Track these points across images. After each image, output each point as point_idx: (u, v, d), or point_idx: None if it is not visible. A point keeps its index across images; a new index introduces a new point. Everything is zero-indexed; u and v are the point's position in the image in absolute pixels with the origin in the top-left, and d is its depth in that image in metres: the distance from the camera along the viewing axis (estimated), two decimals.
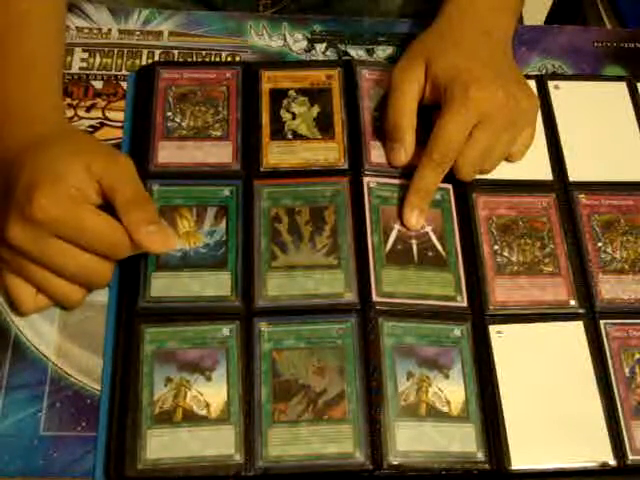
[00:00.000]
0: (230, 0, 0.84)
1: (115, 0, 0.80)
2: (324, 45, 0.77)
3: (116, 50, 0.75)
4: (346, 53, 0.77)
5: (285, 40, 0.77)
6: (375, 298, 0.63)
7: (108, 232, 0.58)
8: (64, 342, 0.62)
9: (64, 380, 0.61)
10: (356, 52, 0.77)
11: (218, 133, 0.69)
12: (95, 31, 0.76)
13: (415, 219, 0.66)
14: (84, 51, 0.75)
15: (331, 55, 0.77)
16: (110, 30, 0.77)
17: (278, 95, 0.72)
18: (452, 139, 0.65)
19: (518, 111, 0.68)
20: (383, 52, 0.77)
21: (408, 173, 0.68)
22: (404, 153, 0.68)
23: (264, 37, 0.77)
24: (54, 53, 0.69)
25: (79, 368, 0.61)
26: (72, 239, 0.57)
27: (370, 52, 0.77)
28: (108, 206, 0.58)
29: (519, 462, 0.60)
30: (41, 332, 0.62)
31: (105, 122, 0.71)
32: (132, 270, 0.63)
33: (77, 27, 0.76)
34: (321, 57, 0.77)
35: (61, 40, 0.71)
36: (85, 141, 0.64)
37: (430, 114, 0.69)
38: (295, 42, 0.77)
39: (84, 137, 0.65)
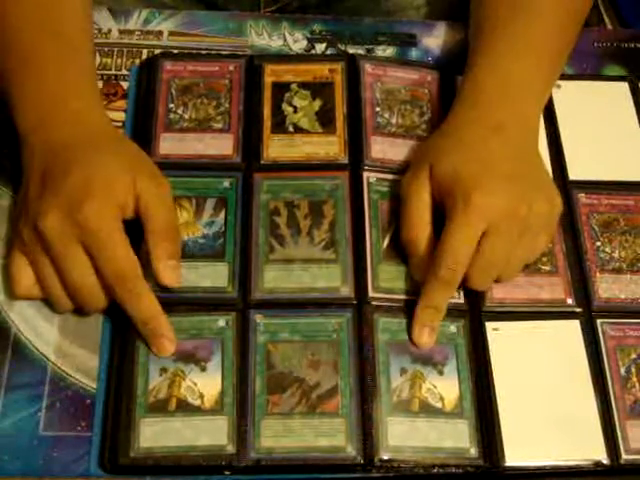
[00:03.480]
0: None
1: (115, 0, 0.80)
2: (324, 45, 0.77)
3: (116, 50, 0.75)
4: (346, 53, 0.77)
5: (285, 40, 0.77)
6: (371, 293, 0.63)
7: (124, 260, 0.59)
8: (64, 342, 0.62)
9: (63, 380, 0.61)
10: (356, 52, 0.77)
11: (219, 125, 0.70)
12: (95, 31, 0.76)
13: (426, 338, 0.62)
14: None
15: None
16: (110, 30, 0.77)
17: (280, 88, 0.72)
18: (458, 253, 0.60)
19: (532, 216, 0.61)
20: (383, 52, 0.77)
21: (402, 168, 0.68)
22: (422, 266, 0.63)
23: (264, 37, 0.77)
24: (90, 36, 0.70)
25: (78, 368, 0.62)
26: (93, 251, 0.58)
27: (370, 52, 0.77)
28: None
29: (513, 459, 0.60)
30: (41, 332, 0.63)
31: None
32: None
33: None
34: None
35: (92, 24, 0.72)
36: (133, 153, 0.64)
37: None
38: (295, 42, 0.77)
39: (132, 147, 0.65)
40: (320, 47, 0.78)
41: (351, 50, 0.77)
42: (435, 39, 0.79)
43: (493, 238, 0.60)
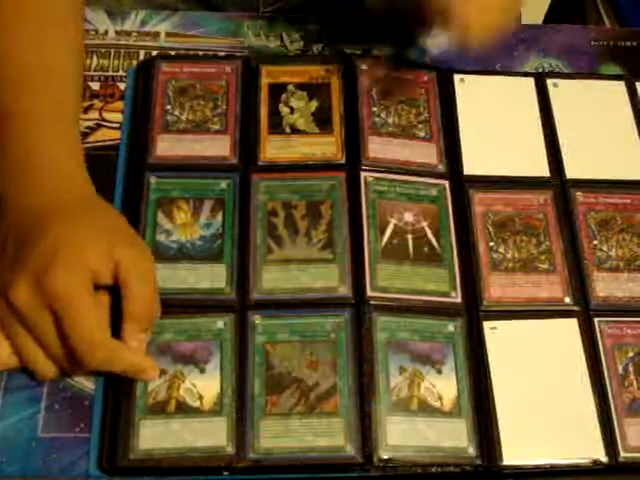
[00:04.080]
0: None
1: (114, 0, 0.80)
2: (321, 45, 0.77)
3: (113, 51, 0.75)
4: (342, 53, 0.77)
5: (282, 40, 0.77)
6: (369, 293, 0.63)
7: (92, 329, 0.56)
8: None
9: (62, 382, 0.61)
10: (352, 52, 0.77)
11: (217, 127, 0.70)
12: (92, 32, 0.76)
13: None
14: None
15: None
16: (107, 31, 0.77)
17: (277, 89, 0.72)
18: None
19: None
20: (379, 52, 0.77)
21: (405, 168, 0.68)
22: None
23: (261, 37, 0.77)
24: (76, 103, 0.67)
25: None
26: (64, 321, 0.55)
27: (366, 52, 0.77)
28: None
29: (510, 458, 0.60)
30: None
31: (102, 123, 0.71)
32: None
33: None
34: None
35: (80, 91, 0.69)
36: (113, 220, 0.62)
37: None
38: (292, 42, 0.77)
39: (113, 215, 0.63)
40: (317, 47, 0.78)
41: (347, 50, 0.77)
42: (432, 38, 0.78)
43: None
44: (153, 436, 0.58)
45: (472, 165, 0.71)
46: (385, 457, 0.58)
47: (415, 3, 0.65)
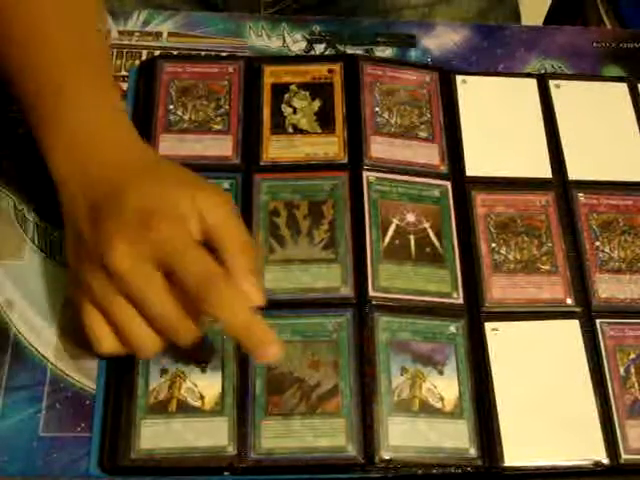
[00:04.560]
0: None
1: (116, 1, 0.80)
2: (323, 45, 0.77)
3: (115, 51, 0.75)
4: (345, 53, 0.77)
5: (284, 41, 0.77)
6: (371, 293, 0.63)
7: (208, 263, 0.53)
8: (64, 343, 0.62)
9: (63, 381, 0.61)
10: (355, 52, 0.77)
11: (219, 127, 0.70)
12: None
13: None
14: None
15: None
16: (109, 31, 0.77)
17: (279, 89, 0.72)
18: None
19: None
20: (382, 53, 0.77)
21: (407, 168, 0.68)
22: None
23: (263, 38, 0.77)
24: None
25: (78, 369, 0.61)
26: (172, 262, 0.53)
27: (369, 52, 0.77)
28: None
29: (512, 459, 0.60)
30: (40, 333, 0.62)
31: None
32: None
33: None
34: None
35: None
36: (180, 170, 0.60)
37: None
38: (294, 43, 0.77)
39: (179, 167, 0.61)
40: (319, 48, 0.78)
41: (350, 51, 0.77)
42: (434, 39, 0.79)
43: None
44: (154, 436, 0.58)
45: (474, 166, 0.71)
46: (386, 457, 0.58)
47: None
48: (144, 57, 0.75)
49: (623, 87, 0.76)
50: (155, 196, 0.55)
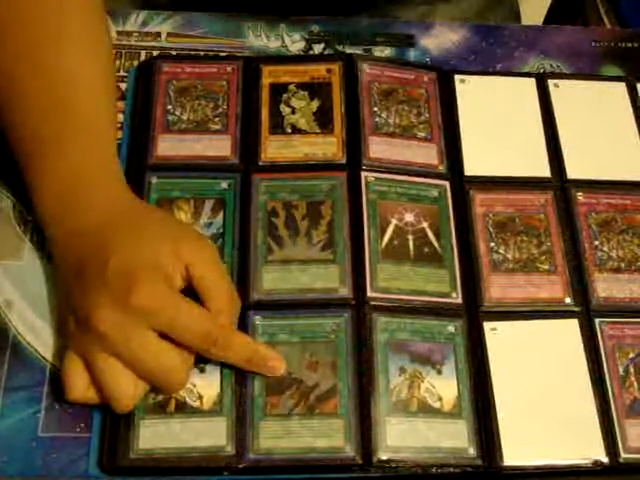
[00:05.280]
0: None
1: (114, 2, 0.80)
2: (322, 46, 0.77)
3: (114, 51, 0.75)
4: (343, 53, 0.77)
5: (283, 41, 0.77)
6: (370, 293, 0.63)
7: (203, 320, 0.56)
8: (63, 343, 0.62)
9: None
10: (354, 52, 0.77)
11: (217, 127, 0.70)
12: None
13: None
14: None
15: None
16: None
17: (278, 89, 0.72)
18: None
19: None
20: (381, 52, 0.77)
21: (406, 168, 0.68)
22: None
23: (262, 38, 0.77)
24: (112, 115, 0.66)
25: None
26: (166, 328, 0.56)
27: (368, 52, 0.77)
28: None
29: (511, 459, 0.60)
30: (40, 333, 0.62)
31: None
32: None
33: None
34: None
35: (114, 103, 0.68)
36: (169, 221, 0.62)
37: None
38: (293, 43, 0.77)
39: (165, 215, 0.63)
40: (318, 48, 0.78)
41: (349, 51, 0.77)
42: (433, 39, 0.79)
43: None
44: (153, 436, 0.58)
45: (473, 166, 0.71)
46: (384, 458, 0.58)
47: None
48: (143, 57, 0.75)
49: (622, 86, 0.76)
50: (138, 255, 0.57)
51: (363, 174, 0.68)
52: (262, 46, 0.77)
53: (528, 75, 0.76)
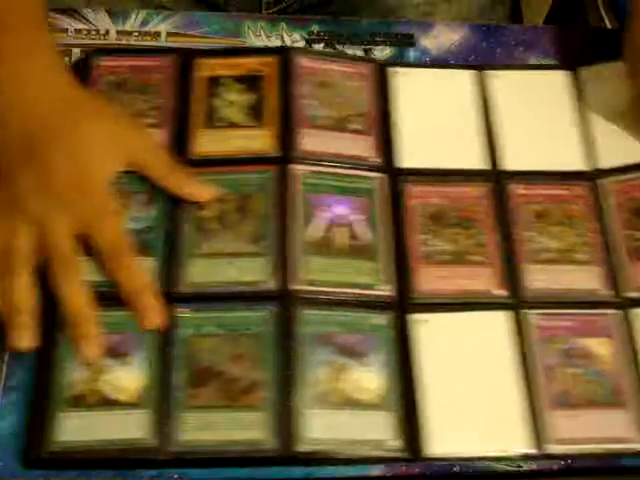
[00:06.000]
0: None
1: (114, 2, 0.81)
2: (322, 45, 0.77)
3: None
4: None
5: (283, 41, 0.77)
6: (296, 286, 0.63)
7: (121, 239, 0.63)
8: None
9: None
10: (354, 52, 0.77)
11: (151, 121, 0.70)
12: (93, 32, 0.76)
13: None
14: (82, 52, 0.75)
15: None
16: (108, 31, 0.77)
17: (213, 82, 0.72)
18: None
19: None
20: (380, 52, 0.77)
21: (339, 161, 0.68)
22: None
23: (262, 38, 0.77)
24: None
25: None
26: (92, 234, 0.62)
27: (368, 52, 0.77)
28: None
29: (436, 450, 0.60)
30: None
31: None
32: None
33: (75, 29, 0.76)
34: None
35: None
36: (110, 112, 0.67)
37: None
38: (293, 42, 0.77)
39: (106, 105, 0.68)
40: (318, 48, 0.77)
41: (349, 51, 0.77)
42: (433, 39, 0.79)
43: None
44: (73, 429, 0.58)
45: (408, 158, 0.70)
46: (305, 450, 0.58)
47: None
48: None
49: (559, 75, 0.75)
50: (81, 157, 0.63)
51: (295, 167, 0.68)
52: (262, 46, 0.77)
53: (466, 67, 0.75)
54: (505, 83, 0.75)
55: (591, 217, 0.69)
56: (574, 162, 0.72)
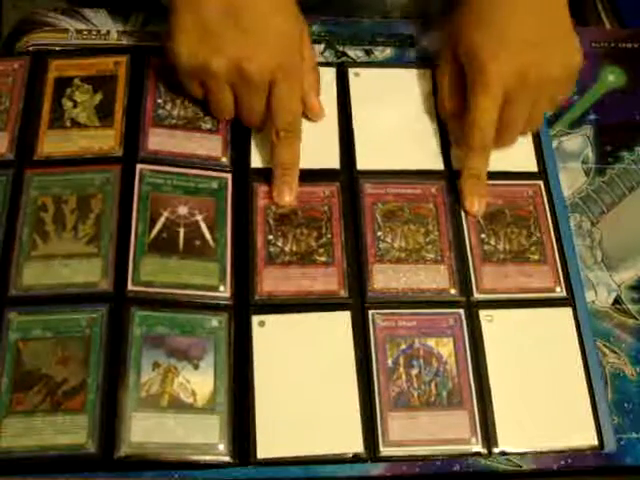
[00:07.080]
0: None
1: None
2: (322, 46, 0.77)
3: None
4: (344, 54, 0.77)
5: None
6: (130, 287, 0.62)
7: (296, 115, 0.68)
8: None
9: None
10: (355, 53, 0.77)
11: None
12: (94, 33, 0.75)
13: (477, 205, 0.68)
14: None
15: (329, 56, 0.77)
16: (109, 32, 0.76)
17: (62, 84, 0.71)
18: (483, 124, 0.66)
19: (545, 81, 0.66)
20: (381, 53, 0.77)
21: (187, 161, 0.67)
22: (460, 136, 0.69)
23: None
24: None
25: None
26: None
27: (368, 53, 0.77)
28: None
29: (265, 452, 0.59)
30: None
31: None
32: None
33: (76, 29, 0.75)
34: (319, 58, 0.75)
35: None
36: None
37: None
38: None
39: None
40: (319, 48, 0.76)
41: (349, 51, 0.77)
42: (433, 39, 0.78)
43: (509, 105, 0.66)
44: None
45: (258, 158, 0.69)
46: (124, 454, 0.57)
47: None
48: None
49: (420, 72, 0.74)
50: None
51: (138, 166, 0.67)
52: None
53: (328, 64, 0.74)
54: (367, 81, 0.74)
55: (442, 217, 0.68)
56: (430, 161, 0.70)
